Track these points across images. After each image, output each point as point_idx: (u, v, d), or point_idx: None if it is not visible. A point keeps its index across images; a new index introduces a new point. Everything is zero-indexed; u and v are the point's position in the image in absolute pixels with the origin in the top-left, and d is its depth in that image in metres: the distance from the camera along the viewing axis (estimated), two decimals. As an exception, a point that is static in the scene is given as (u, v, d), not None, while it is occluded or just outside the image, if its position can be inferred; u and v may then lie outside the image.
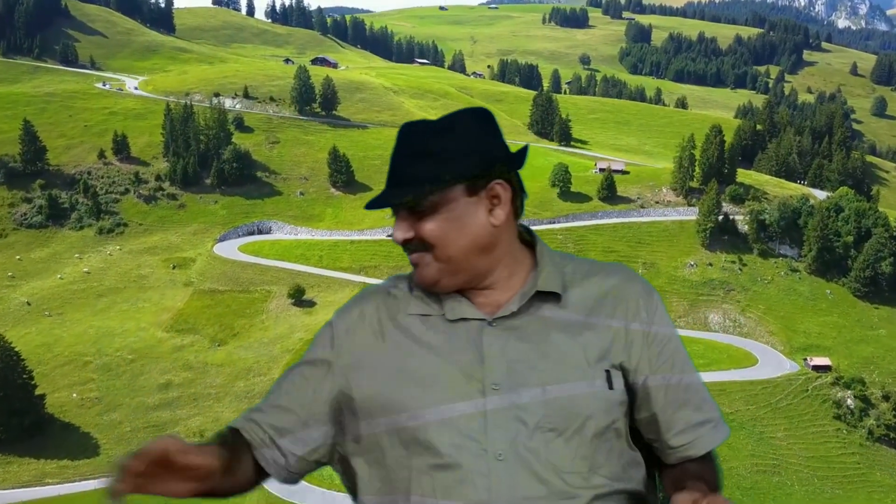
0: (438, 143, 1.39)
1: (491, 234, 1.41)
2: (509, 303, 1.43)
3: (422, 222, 1.38)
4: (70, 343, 79.48)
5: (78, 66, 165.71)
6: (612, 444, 1.41)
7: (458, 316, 1.43)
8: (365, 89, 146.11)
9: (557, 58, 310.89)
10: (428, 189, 1.37)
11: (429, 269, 1.40)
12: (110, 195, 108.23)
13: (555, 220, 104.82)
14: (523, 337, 1.40)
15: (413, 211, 1.39)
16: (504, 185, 1.43)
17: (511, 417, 1.36)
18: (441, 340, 1.42)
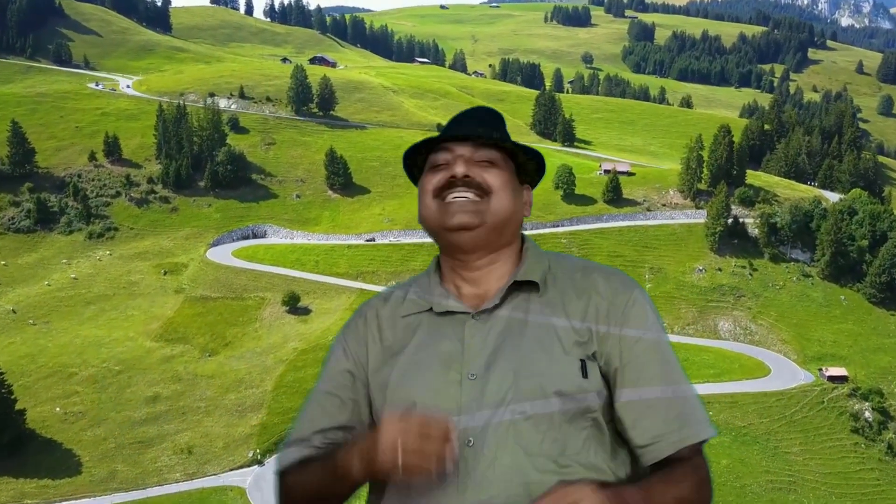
0: (501, 122, 1.64)
1: (519, 223, 1.61)
2: (494, 296, 1.54)
3: (483, 171, 1.53)
4: (55, 353, 76.45)
5: (72, 66, 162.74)
6: (591, 434, 1.45)
7: (444, 310, 1.54)
8: (364, 89, 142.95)
9: (559, 57, 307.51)
10: (509, 142, 1.57)
11: (475, 213, 1.50)
12: (101, 198, 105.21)
13: (559, 224, 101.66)
14: (503, 327, 1.50)
15: (476, 163, 1.54)
16: (530, 190, 1.68)
17: (482, 404, 1.43)
18: (427, 335, 1.53)
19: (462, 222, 1.50)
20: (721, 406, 72.14)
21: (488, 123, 1.59)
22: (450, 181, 1.52)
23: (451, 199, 1.51)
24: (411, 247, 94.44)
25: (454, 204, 1.50)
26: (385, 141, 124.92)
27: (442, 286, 1.59)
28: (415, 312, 1.57)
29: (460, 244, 1.54)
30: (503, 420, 1.41)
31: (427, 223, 1.57)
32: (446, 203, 1.52)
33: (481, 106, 1.66)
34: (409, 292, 1.61)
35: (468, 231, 1.51)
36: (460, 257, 1.57)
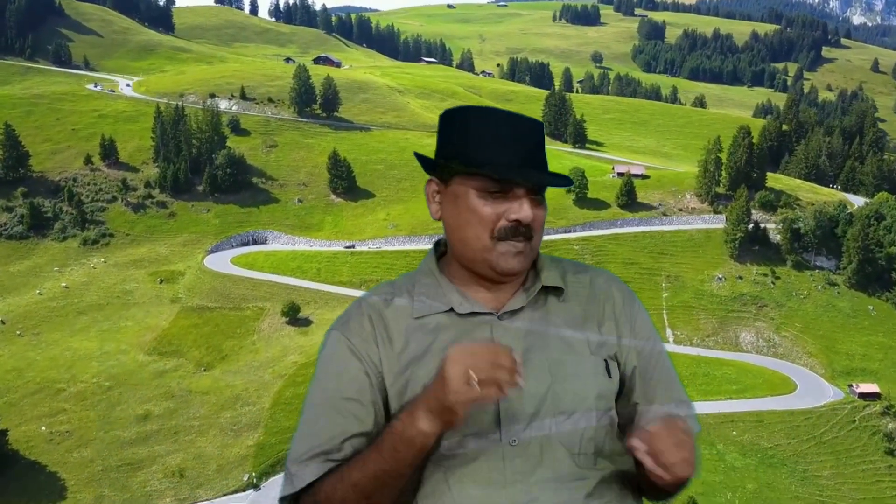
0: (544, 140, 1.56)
1: None
2: (514, 298, 1.53)
3: (537, 210, 1.48)
4: (43, 367, 72.88)
5: (71, 67, 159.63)
6: (610, 430, 1.52)
7: (468, 311, 1.51)
8: (368, 89, 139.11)
9: (568, 56, 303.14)
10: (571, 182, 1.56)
11: (522, 259, 1.47)
12: (96, 203, 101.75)
13: (570, 229, 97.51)
14: (530, 329, 1.50)
15: (531, 196, 1.47)
16: None
17: (522, 405, 1.43)
18: (453, 336, 1.49)
19: (514, 270, 1.47)
20: (746, 425, 67.95)
21: (544, 146, 1.53)
22: (514, 226, 1.45)
23: (508, 243, 1.45)
24: (416, 254, 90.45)
25: (510, 249, 1.45)
26: (390, 143, 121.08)
27: (455, 287, 1.55)
28: (430, 314, 1.52)
29: (503, 281, 1.52)
30: (545, 420, 1.43)
31: (470, 251, 1.49)
32: (502, 246, 1.46)
33: (528, 118, 1.51)
34: (413, 293, 1.55)
35: (522, 272, 1.51)
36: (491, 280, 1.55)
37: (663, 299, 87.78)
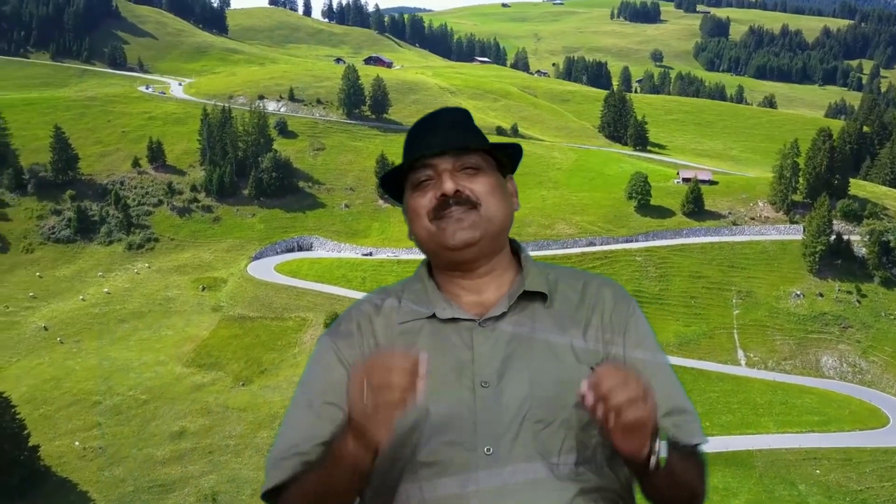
0: (471, 121, 1.61)
1: (511, 217, 1.59)
2: (498, 304, 1.53)
3: (469, 181, 1.51)
4: (81, 378, 70.85)
5: (126, 69, 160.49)
6: (599, 441, 1.46)
7: (449, 316, 1.51)
8: (419, 90, 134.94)
9: (627, 54, 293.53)
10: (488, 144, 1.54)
11: (473, 226, 1.49)
12: (142, 207, 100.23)
13: (632, 239, 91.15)
14: (512, 336, 1.49)
15: (459, 172, 1.52)
16: (512, 180, 1.63)
17: (499, 413, 1.42)
18: (433, 341, 1.49)
19: (464, 240, 1.48)
20: (831, 463, 60.68)
21: (460, 126, 1.56)
22: (441, 201, 1.49)
23: (446, 218, 1.49)
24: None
25: (451, 222, 1.48)
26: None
27: (441, 293, 1.55)
28: (413, 319, 1.52)
29: (464, 260, 1.52)
30: (522, 428, 1.40)
31: (425, 245, 1.54)
32: (443, 223, 1.49)
33: (444, 108, 1.64)
34: (402, 299, 1.56)
35: (472, 247, 1.50)
36: (461, 269, 1.55)
37: (734, 317, 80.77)
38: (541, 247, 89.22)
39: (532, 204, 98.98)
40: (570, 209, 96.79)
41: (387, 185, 1.63)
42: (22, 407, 66.95)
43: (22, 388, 69.93)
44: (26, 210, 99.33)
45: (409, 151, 1.55)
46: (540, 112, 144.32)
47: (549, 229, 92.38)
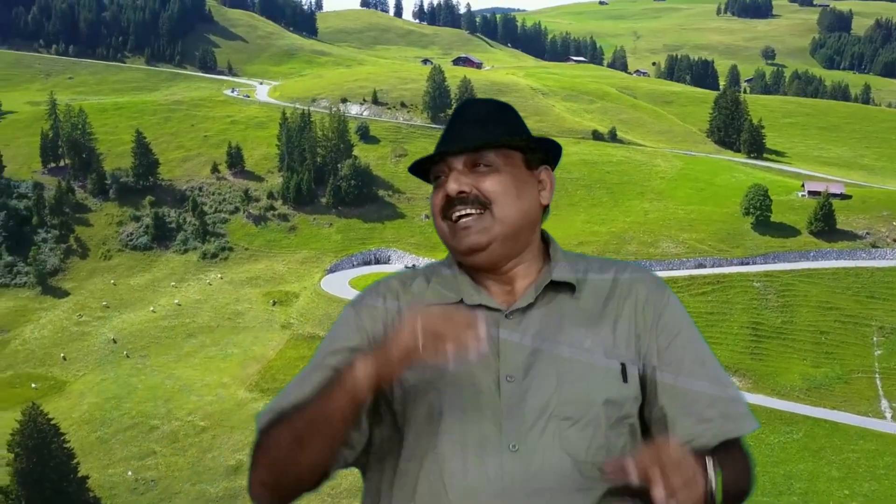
0: (501, 114, 1.51)
1: (538, 211, 1.50)
2: (525, 295, 1.46)
3: (480, 180, 1.44)
4: (142, 398, 67.12)
5: (216, 73, 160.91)
6: (627, 441, 1.41)
7: (477, 303, 1.46)
8: (509, 91, 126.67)
9: (734, 52, 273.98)
10: (503, 140, 1.46)
11: (481, 231, 1.43)
12: (218, 214, 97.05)
13: (748, 261, 79.59)
14: (539, 329, 1.42)
15: (472, 169, 1.45)
16: (550, 172, 1.55)
17: (525, 408, 1.36)
18: None
19: (470, 245, 1.43)
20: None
21: (480, 120, 1.48)
22: (447, 200, 1.45)
23: (456, 220, 1.44)
24: (557, 284, 76.72)
25: (459, 225, 1.43)
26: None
27: (469, 280, 1.50)
28: (441, 302, 1.47)
29: (477, 265, 1.47)
30: (548, 426, 1.35)
31: (446, 245, 1.51)
32: (454, 224, 1.44)
33: (478, 99, 1.57)
34: (431, 280, 1.52)
35: (480, 252, 1.44)
36: (482, 270, 1.50)
37: (875, 358, 68.07)
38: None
39: (632, 218, 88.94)
40: (676, 225, 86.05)
41: (418, 174, 1.56)
42: (80, 428, 64.07)
43: (83, 407, 67.08)
44: (107, 216, 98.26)
45: (439, 142, 1.51)
46: (640, 115, 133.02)
47: (653, 248, 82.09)
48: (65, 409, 67.29)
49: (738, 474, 1.35)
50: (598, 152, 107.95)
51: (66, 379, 73.01)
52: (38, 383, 72.38)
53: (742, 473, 1.37)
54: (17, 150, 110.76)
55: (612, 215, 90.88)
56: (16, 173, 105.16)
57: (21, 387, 72.41)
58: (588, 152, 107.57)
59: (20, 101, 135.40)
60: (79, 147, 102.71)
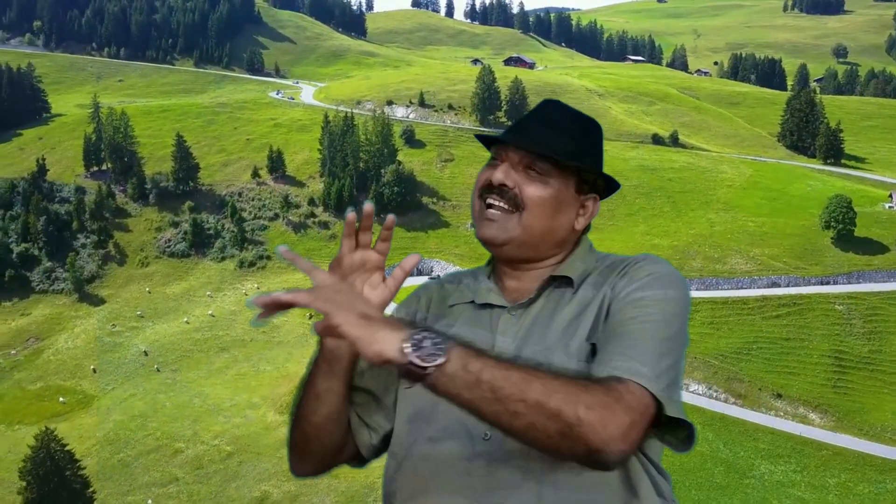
0: (582, 130, 1.52)
1: (568, 234, 1.52)
2: (531, 291, 1.51)
3: (527, 182, 1.46)
4: (169, 417, 63.66)
5: (263, 75, 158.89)
6: None
7: (484, 301, 1.52)
8: (563, 93, 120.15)
9: (802, 50, 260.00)
10: (563, 161, 1.46)
11: (501, 229, 1.46)
12: (257, 221, 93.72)
13: (829, 280, 71.62)
14: (534, 322, 1.46)
15: (526, 168, 1.47)
16: (597, 202, 1.56)
17: None
18: (465, 326, 1.51)
19: (486, 236, 1.48)
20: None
21: (559, 127, 1.49)
22: (489, 184, 1.49)
23: (489, 206, 1.48)
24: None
25: (486, 214, 1.48)
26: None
27: (489, 278, 1.57)
28: (460, 303, 1.55)
29: (497, 257, 1.54)
30: None
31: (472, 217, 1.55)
32: (484, 208, 1.49)
33: (567, 106, 1.54)
34: (463, 282, 1.59)
35: (493, 246, 1.49)
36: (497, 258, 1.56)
37: (984, 398, 59.59)
38: (708, 286, 71.98)
39: (697, 230, 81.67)
40: (747, 238, 78.48)
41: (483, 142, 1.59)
42: (102, 449, 60.95)
43: (108, 425, 64.04)
44: (146, 221, 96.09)
45: (510, 126, 1.55)
46: (704, 117, 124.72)
47: (720, 264, 74.77)
48: (90, 426, 64.60)
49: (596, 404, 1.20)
50: (659, 157, 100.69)
51: (94, 393, 70.31)
52: (66, 397, 69.92)
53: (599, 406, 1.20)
54: (63, 153, 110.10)
55: (675, 227, 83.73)
56: (60, 177, 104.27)
57: (50, 400, 70.13)
58: (648, 157, 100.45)
59: (71, 103, 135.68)
60: (120, 151, 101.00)
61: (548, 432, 1.16)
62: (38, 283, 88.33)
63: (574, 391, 1.17)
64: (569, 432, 1.16)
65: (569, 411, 1.16)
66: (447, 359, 1.17)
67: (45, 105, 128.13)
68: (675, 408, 1.27)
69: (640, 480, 1.37)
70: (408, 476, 1.43)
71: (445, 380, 1.17)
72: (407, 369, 1.17)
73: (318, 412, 1.44)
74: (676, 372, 1.32)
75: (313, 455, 1.48)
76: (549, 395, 1.16)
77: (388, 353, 1.17)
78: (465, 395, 1.17)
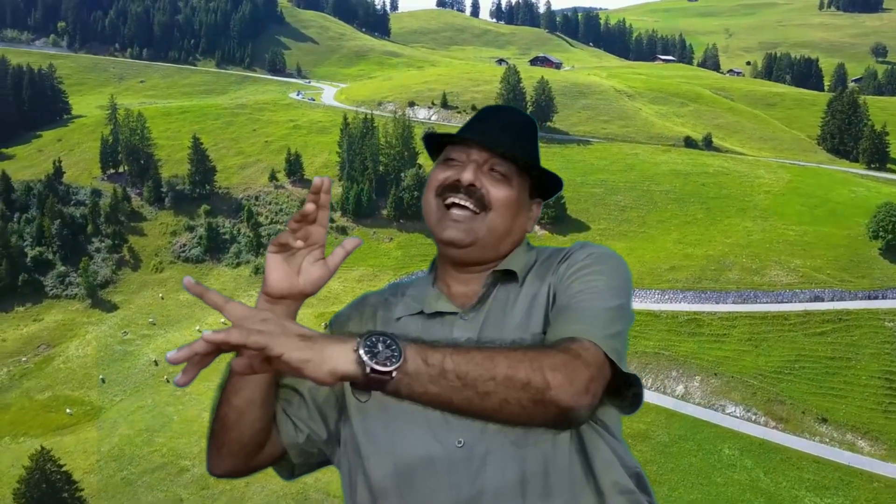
0: (530, 135, 1.53)
1: (521, 235, 1.54)
2: (477, 294, 1.50)
3: (492, 183, 1.46)
4: (175, 432, 61.07)
5: (285, 75, 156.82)
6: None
7: (434, 310, 1.49)
8: (591, 93, 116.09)
9: (838, 49, 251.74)
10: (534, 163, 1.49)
11: (468, 231, 1.45)
12: (274, 226, 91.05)
13: (878, 294, 66.75)
14: (488, 322, 1.45)
15: (488, 171, 1.47)
16: (540, 205, 1.59)
17: None
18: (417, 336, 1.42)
19: (452, 238, 1.45)
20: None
21: (517, 132, 1.50)
22: (454, 184, 1.46)
23: (449, 205, 1.46)
24: (641, 316, 66.35)
25: (450, 215, 1.46)
26: (614, 160, 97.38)
27: (435, 286, 1.54)
28: (407, 315, 1.51)
29: (450, 256, 1.50)
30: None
31: (426, 220, 1.51)
32: (445, 208, 1.47)
33: (515, 108, 1.59)
34: (406, 294, 1.55)
35: (458, 248, 1.47)
36: (451, 260, 1.52)
37: None
38: (746, 299, 67.53)
39: (733, 239, 77.14)
40: (787, 248, 73.83)
41: (428, 145, 1.59)
42: (106, 465, 58.51)
43: (114, 439, 61.67)
44: (161, 225, 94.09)
45: (463, 128, 1.52)
46: (739, 119, 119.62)
47: (758, 275, 70.23)
48: (95, 440, 62.31)
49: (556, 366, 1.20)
50: (692, 161, 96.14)
51: (101, 405, 68.13)
52: (73, 408, 67.83)
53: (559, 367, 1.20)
54: (81, 155, 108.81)
55: (709, 235, 79.26)
56: (77, 179, 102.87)
57: (56, 411, 68.11)
58: (680, 161, 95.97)
59: (92, 105, 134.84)
60: (137, 153, 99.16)
61: (521, 403, 1.14)
62: (51, 287, 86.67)
63: (536, 357, 1.17)
64: (541, 398, 1.14)
65: (537, 378, 1.14)
66: (405, 357, 1.10)
67: (65, 106, 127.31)
68: (624, 367, 1.29)
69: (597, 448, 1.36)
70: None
71: (408, 380, 1.10)
72: (368, 378, 1.09)
73: (241, 394, 1.35)
74: (623, 341, 1.33)
75: (231, 448, 1.38)
76: (516, 366, 1.14)
77: (342, 368, 1.08)
78: (432, 389, 1.11)
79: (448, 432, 1.32)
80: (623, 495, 1.35)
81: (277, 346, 1.08)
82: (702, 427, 56.15)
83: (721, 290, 68.60)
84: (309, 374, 1.07)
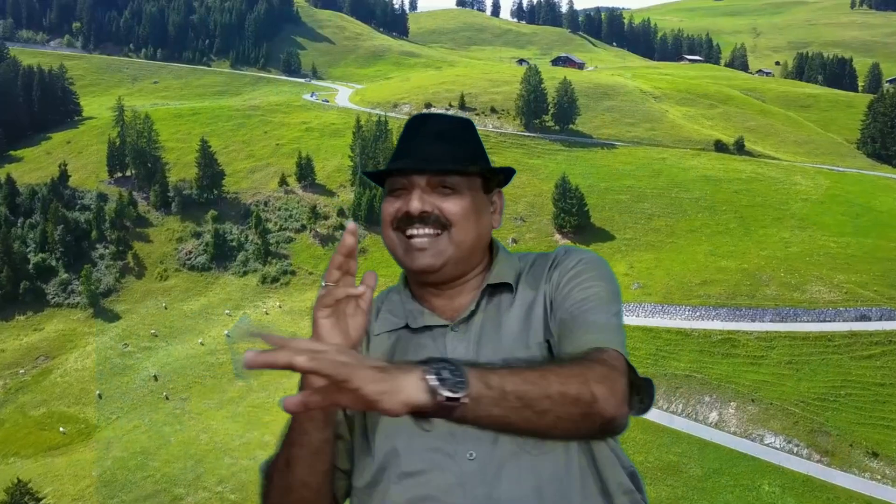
0: (467, 135, 1.52)
1: (489, 233, 1.53)
2: (467, 305, 1.49)
3: (443, 201, 1.44)
4: (172, 455, 57.38)
5: (300, 76, 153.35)
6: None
7: (421, 325, 1.48)
8: (615, 95, 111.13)
9: (871, 49, 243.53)
10: (472, 169, 1.47)
11: (436, 254, 1.43)
12: (283, 233, 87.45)
13: (930, 315, 61.13)
14: (482, 335, 1.45)
15: (435, 188, 1.44)
16: (501, 195, 1.58)
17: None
18: (407, 352, 1.45)
19: (423, 266, 1.44)
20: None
21: (449, 138, 1.48)
22: (406, 216, 1.44)
23: (410, 237, 1.43)
24: (671, 335, 61.70)
25: (414, 245, 1.43)
26: (640, 165, 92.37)
27: (414, 301, 1.52)
28: (389, 330, 1.49)
29: (427, 283, 1.48)
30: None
31: (393, 255, 1.49)
32: (407, 240, 1.44)
33: (438, 114, 1.55)
34: (380, 310, 1.53)
35: (433, 273, 1.45)
36: (429, 286, 1.50)
37: None
38: (785, 317, 62.38)
39: (769, 251, 71.92)
40: (829, 262, 68.52)
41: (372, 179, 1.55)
42: (96, 493, 55.10)
43: (107, 462, 58.09)
44: (168, 231, 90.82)
45: (395, 152, 1.49)
46: (771, 122, 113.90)
47: (799, 291, 65.01)
48: (87, 463, 58.84)
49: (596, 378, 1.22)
50: (723, 167, 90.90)
51: (97, 423, 64.71)
52: (67, 426, 64.54)
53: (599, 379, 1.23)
54: (89, 157, 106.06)
55: (743, 246, 74.13)
56: (83, 183, 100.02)
57: (50, 429, 64.86)
58: (710, 166, 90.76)
59: (105, 106, 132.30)
60: (144, 156, 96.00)
61: (573, 418, 1.16)
62: (53, 295, 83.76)
63: (581, 371, 1.19)
64: (589, 411, 1.16)
65: (585, 392, 1.16)
66: (469, 382, 1.09)
67: (76, 108, 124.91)
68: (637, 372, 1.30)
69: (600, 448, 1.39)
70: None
71: (474, 404, 1.08)
72: (439, 406, 1.06)
73: (317, 469, 1.34)
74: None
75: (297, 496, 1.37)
76: (566, 382, 1.15)
77: (415, 399, 1.04)
78: (496, 412, 1.10)
79: (456, 446, 1.32)
80: (626, 496, 1.38)
81: (356, 380, 1.03)
82: (738, 460, 51.27)
83: (757, 308, 63.51)
84: (383, 406, 1.03)
